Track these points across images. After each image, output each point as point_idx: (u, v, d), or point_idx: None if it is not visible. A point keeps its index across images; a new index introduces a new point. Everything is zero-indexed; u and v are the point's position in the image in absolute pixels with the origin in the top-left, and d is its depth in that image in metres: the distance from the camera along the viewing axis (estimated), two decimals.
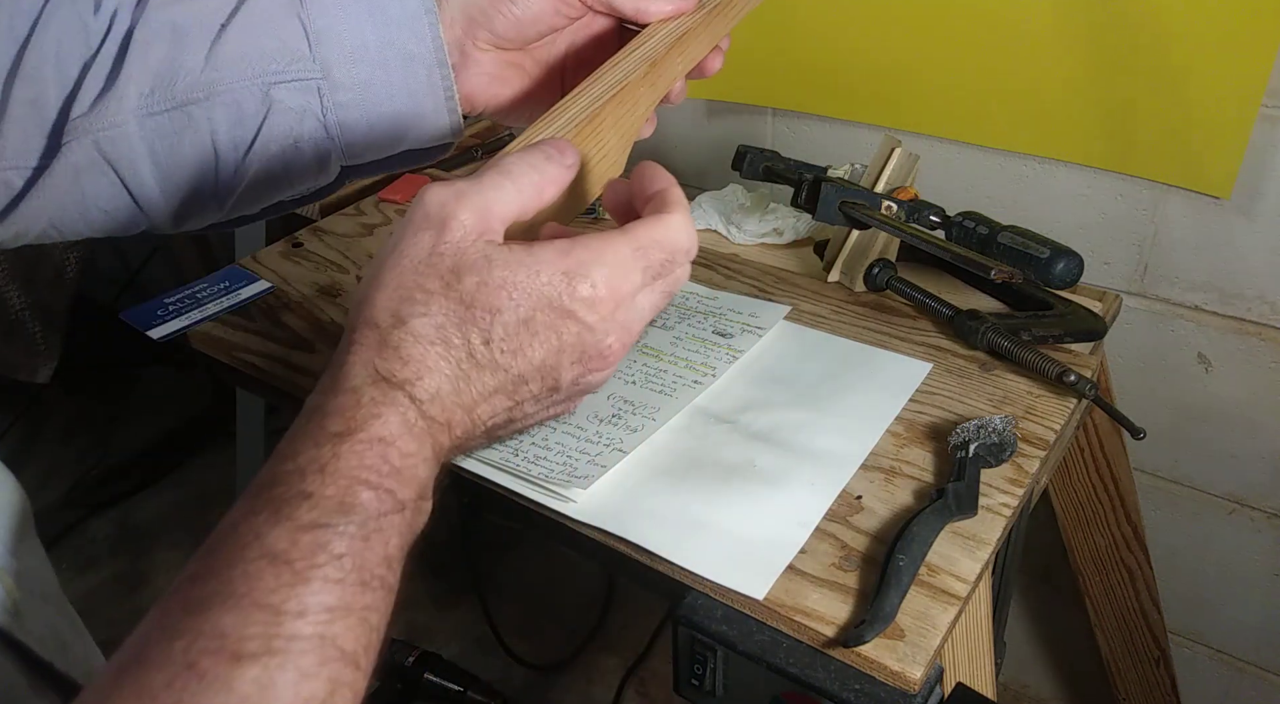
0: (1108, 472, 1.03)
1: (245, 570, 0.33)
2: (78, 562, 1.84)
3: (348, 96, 0.51)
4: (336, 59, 0.51)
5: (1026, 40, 0.97)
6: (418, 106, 0.53)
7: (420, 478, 0.37)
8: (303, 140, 0.52)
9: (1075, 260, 0.83)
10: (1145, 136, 0.96)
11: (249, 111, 0.50)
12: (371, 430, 0.36)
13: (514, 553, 1.78)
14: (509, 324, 0.39)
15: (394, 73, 0.51)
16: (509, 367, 0.39)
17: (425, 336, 0.38)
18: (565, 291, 0.39)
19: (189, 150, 0.51)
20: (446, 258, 0.38)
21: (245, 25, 0.50)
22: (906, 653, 0.60)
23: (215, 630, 0.31)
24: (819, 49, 1.10)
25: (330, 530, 0.34)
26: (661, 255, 0.42)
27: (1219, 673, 1.27)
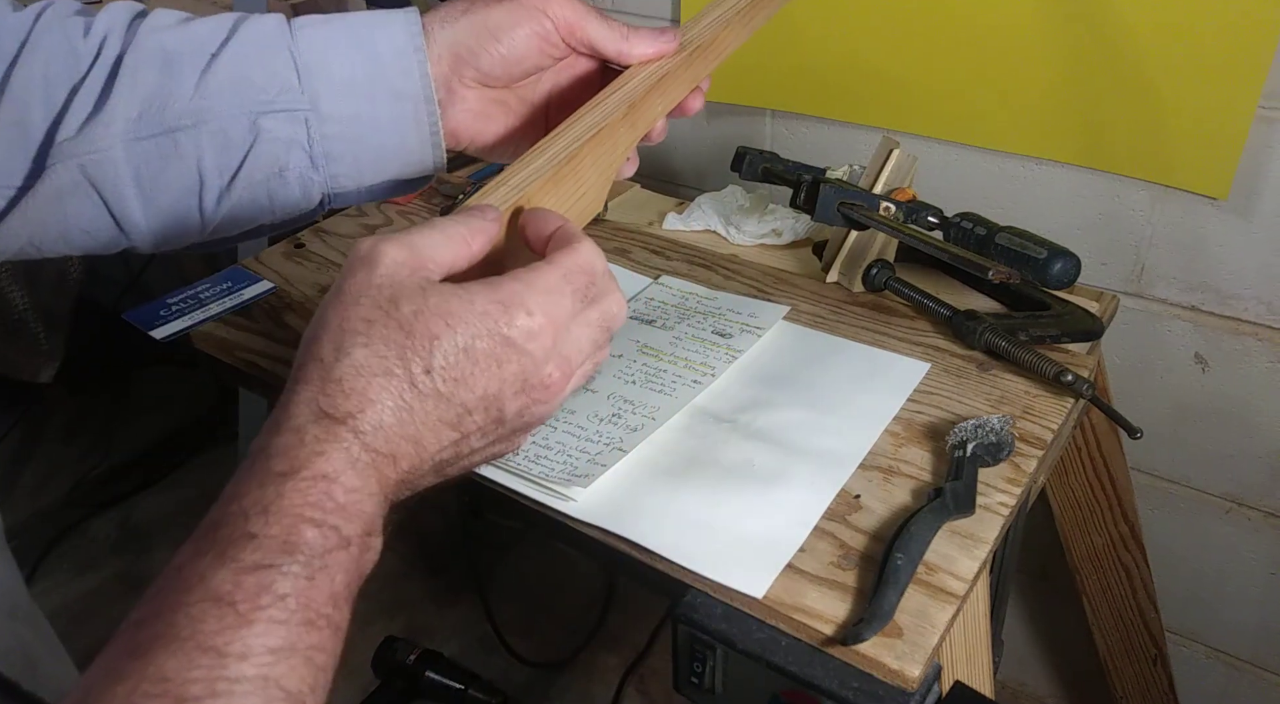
0: (1105, 471, 1.03)
1: (189, 613, 0.33)
2: (78, 562, 1.84)
3: (334, 128, 0.52)
4: (325, 92, 0.51)
5: (1025, 42, 0.98)
6: (403, 141, 0.54)
7: (366, 513, 0.37)
8: (288, 169, 0.52)
9: (1072, 261, 0.83)
10: (1142, 138, 0.96)
11: (236, 140, 0.51)
12: (315, 468, 0.36)
13: (514, 552, 1.79)
14: (449, 352, 0.39)
15: (381, 107, 0.52)
16: (452, 395, 0.39)
17: (367, 367, 0.38)
18: (503, 320, 0.40)
19: (174, 176, 0.51)
20: (384, 289, 0.39)
21: (236, 55, 0.51)
22: (905, 651, 0.60)
23: (159, 674, 0.31)
24: (817, 51, 1.11)
25: (274, 571, 0.34)
26: (585, 278, 0.42)
27: (1216, 672, 1.27)
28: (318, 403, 0.38)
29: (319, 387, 0.38)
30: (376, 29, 0.53)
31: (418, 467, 0.40)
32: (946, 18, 1.01)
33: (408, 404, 0.39)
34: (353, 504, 0.37)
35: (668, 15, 1.21)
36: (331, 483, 0.37)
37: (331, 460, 0.37)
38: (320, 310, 0.40)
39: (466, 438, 0.41)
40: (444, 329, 0.39)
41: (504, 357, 0.40)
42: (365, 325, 0.38)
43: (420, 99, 0.53)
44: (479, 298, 0.40)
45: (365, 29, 0.53)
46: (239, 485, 0.36)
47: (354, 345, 0.38)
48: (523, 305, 0.40)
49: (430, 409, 0.39)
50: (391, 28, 0.53)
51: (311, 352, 0.39)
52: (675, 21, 1.20)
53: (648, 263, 1.01)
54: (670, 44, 0.56)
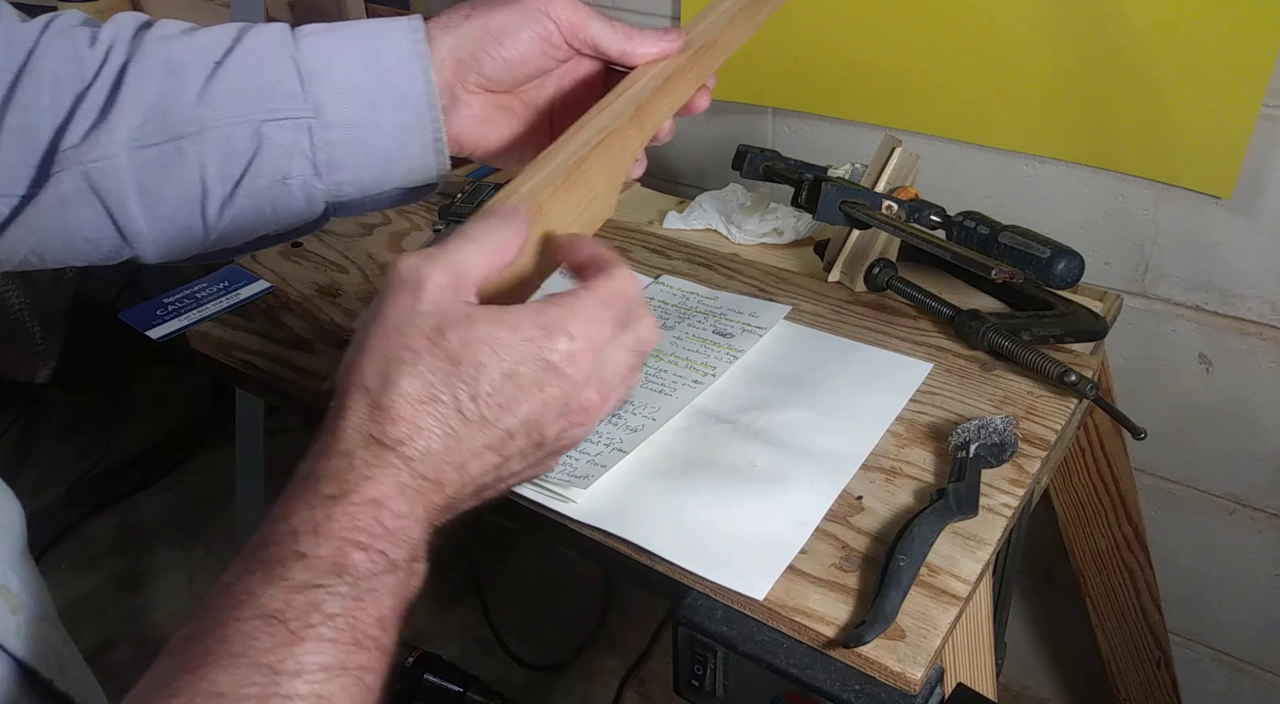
0: (1108, 472, 1.03)
1: (240, 629, 0.33)
2: (77, 562, 1.83)
3: (338, 136, 0.52)
4: (328, 99, 0.51)
5: (1028, 40, 0.97)
6: (406, 148, 0.53)
7: (413, 539, 0.38)
8: (291, 177, 0.52)
9: (1076, 260, 0.83)
10: (1146, 136, 0.96)
11: (239, 147, 0.51)
12: (364, 492, 0.37)
13: (514, 553, 1.78)
14: (495, 379, 0.39)
15: (384, 114, 0.52)
16: (498, 421, 0.40)
17: (415, 396, 0.38)
18: (546, 346, 0.40)
19: (178, 184, 0.51)
20: (429, 317, 0.39)
21: (240, 64, 0.51)
22: (907, 653, 0.60)
23: (213, 689, 0.32)
24: (819, 49, 1.10)
25: (323, 590, 0.34)
26: (623, 305, 0.43)
27: (1220, 673, 1.27)
28: (367, 429, 0.38)
29: (367, 414, 0.38)
30: (380, 36, 0.52)
31: (461, 491, 0.40)
32: (949, 15, 1.00)
33: (454, 431, 0.39)
34: (400, 530, 0.37)
35: (668, 14, 1.21)
36: (380, 508, 0.37)
37: (380, 485, 0.37)
38: (361, 335, 0.40)
39: (507, 461, 0.41)
40: (490, 356, 0.39)
41: (546, 381, 0.40)
42: (412, 355, 0.39)
43: (424, 105, 0.52)
44: (524, 324, 0.40)
45: (369, 36, 0.52)
46: (287, 506, 0.37)
47: (401, 374, 0.38)
48: (565, 331, 0.40)
49: (476, 435, 0.40)
50: (395, 35, 0.52)
51: (354, 380, 0.39)
52: (676, 20, 1.20)
53: (648, 262, 1.00)
54: (674, 43, 0.56)
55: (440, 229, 1.06)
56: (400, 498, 0.38)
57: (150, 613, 1.74)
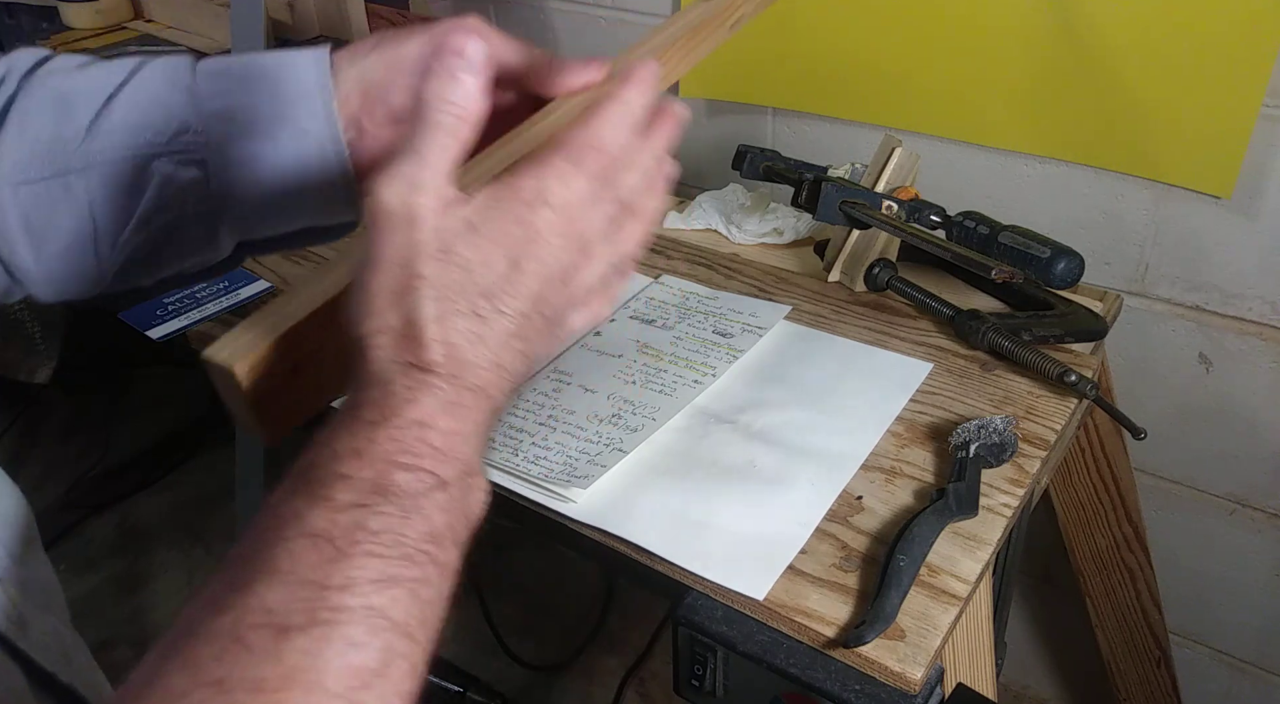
0: (1109, 472, 1.03)
1: (288, 548, 0.33)
2: (77, 562, 1.83)
3: (236, 172, 0.50)
4: (225, 133, 0.49)
5: (1028, 40, 0.97)
6: (310, 182, 0.51)
7: (464, 456, 0.38)
8: (187, 213, 0.50)
9: (1076, 260, 0.83)
10: (1146, 136, 0.96)
11: (129, 183, 0.49)
12: (407, 415, 0.37)
13: (514, 553, 1.78)
14: (501, 271, 0.40)
15: (285, 148, 0.50)
16: (512, 308, 0.40)
17: (437, 316, 0.38)
18: (531, 222, 0.40)
19: (66, 220, 0.49)
20: (430, 243, 0.39)
21: (133, 96, 0.49)
22: (907, 653, 0.60)
23: (261, 606, 0.32)
24: (819, 49, 1.10)
25: (368, 510, 0.34)
26: (597, 158, 0.42)
27: (1220, 673, 1.27)
28: (401, 358, 0.38)
29: (396, 347, 0.38)
30: (283, 67, 0.50)
31: (503, 389, 0.40)
32: (949, 15, 1.00)
33: (478, 334, 0.39)
34: (450, 448, 0.37)
35: (668, 13, 1.20)
36: (426, 428, 0.37)
37: (424, 406, 0.37)
38: (364, 278, 0.39)
39: (530, 343, 0.42)
40: (493, 251, 0.39)
41: (540, 255, 0.41)
42: (421, 281, 0.38)
43: (326, 139, 0.50)
44: (510, 205, 0.40)
45: (271, 67, 0.51)
46: (330, 433, 0.37)
47: (418, 303, 0.38)
48: (544, 201, 0.41)
49: (498, 331, 0.40)
50: (298, 66, 0.50)
51: (374, 323, 0.39)
52: None
53: (648, 262, 1.00)
54: (597, 74, 0.51)
55: None
56: (447, 415, 0.38)
57: (150, 613, 1.74)
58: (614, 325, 0.90)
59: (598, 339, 0.88)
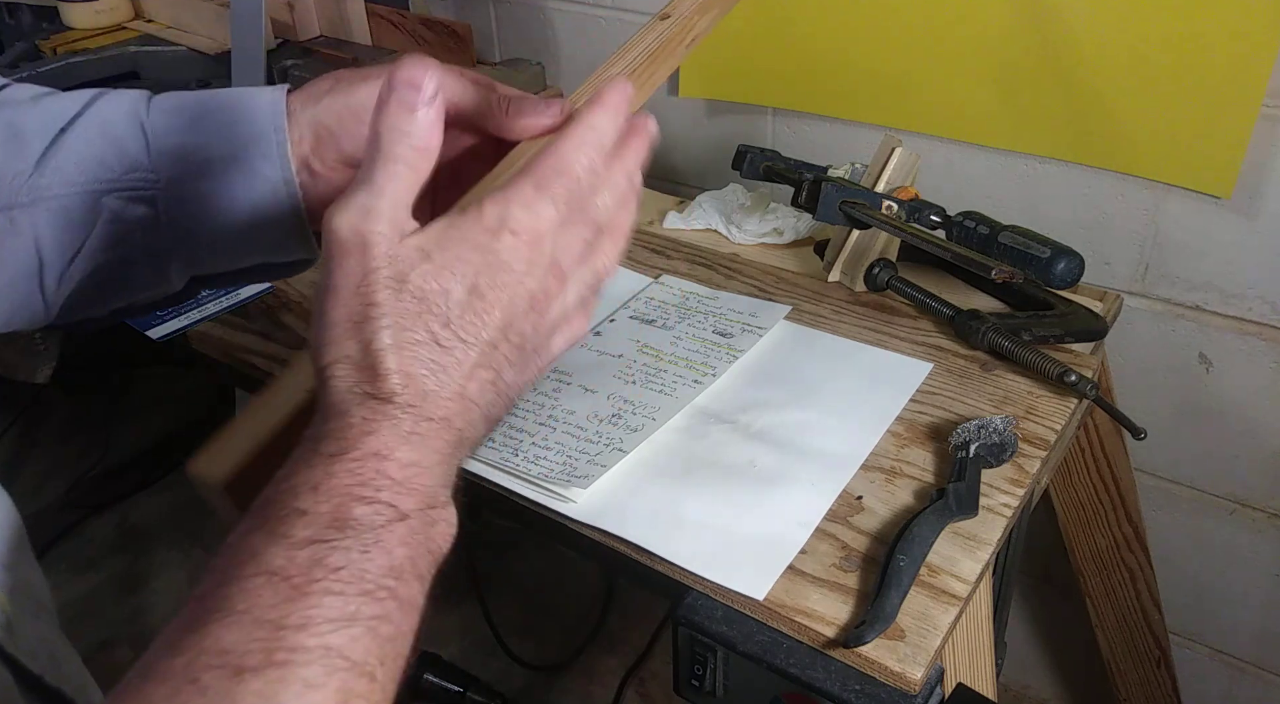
0: (1109, 472, 1.03)
1: (243, 587, 0.33)
2: (77, 562, 1.83)
3: (187, 209, 0.50)
4: (176, 171, 0.49)
5: (1027, 40, 0.97)
6: (262, 222, 0.51)
7: (424, 487, 0.37)
8: (135, 250, 0.50)
9: (1076, 260, 0.83)
10: (1146, 136, 0.96)
11: (76, 219, 0.49)
12: (365, 446, 0.37)
13: (514, 553, 1.78)
14: (460, 299, 0.39)
15: (237, 188, 0.50)
16: (477, 337, 0.40)
17: (394, 345, 0.38)
18: (494, 248, 0.40)
19: (11, 254, 0.49)
20: (383, 270, 0.39)
21: (85, 131, 0.49)
22: (907, 653, 0.60)
23: (217, 646, 0.31)
24: (819, 49, 1.10)
25: (326, 546, 0.34)
26: (563, 183, 0.41)
27: (1220, 673, 1.27)
28: (360, 389, 0.38)
29: (355, 378, 0.38)
30: (237, 106, 0.50)
31: (469, 419, 0.40)
32: (949, 15, 1.00)
33: (440, 364, 0.39)
34: (409, 479, 0.37)
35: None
36: (384, 460, 0.37)
37: (382, 438, 0.37)
38: (321, 307, 0.39)
39: (500, 374, 0.41)
40: (451, 279, 0.39)
41: (503, 282, 0.40)
42: (376, 309, 0.38)
43: (279, 181, 0.50)
44: (469, 234, 0.40)
45: (226, 107, 0.51)
46: (289, 469, 0.37)
47: (375, 331, 0.38)
48: (506, 227, 0.40)
49: (461, 359, 0.39)
50: (253, 107, 0.50)
51: (332, 353, 0.39)
52: None
53: (648, 262, 1.00)
54: (557, 117, 0.49)
55: None
56: (406, 446, 0.37)
57: (150, 613, 1.74)
58: (614, 325, 0.90)
59: (598, 339, 0.88)
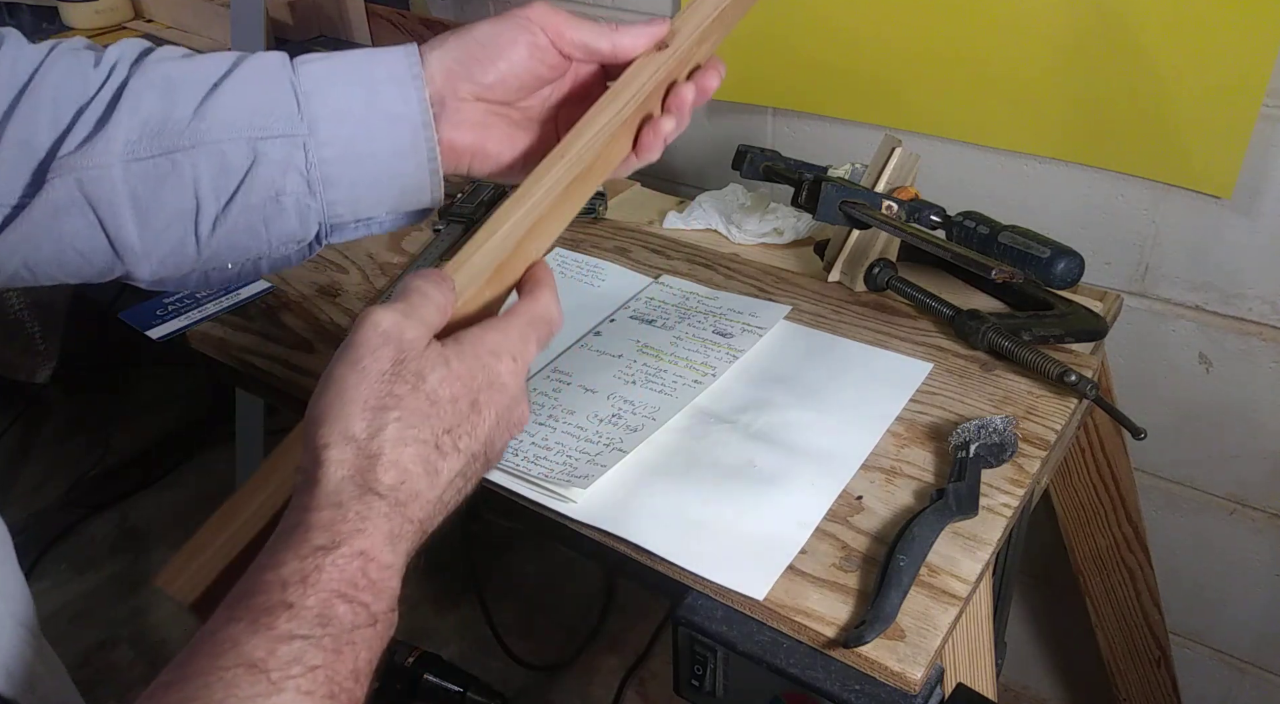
0: (1109, 472, 1.03)
1: (222, 678, 0.34)
2: (77, 562, 1.83)
3: (331, 152, 0.53)
4: (323, 116, 0.52)
5: (1027, 40, 0.97)
6: (400, 166, 0.54)
7: (392, 590, 0.39)
8: (285, 194, 0.53)
9: (1076, 260, 0.83)
10: (1146, 136, 0.96)
11: (234, 163, 0.52)
12: (355, 544, 0.38)
13: (514, 553, 1.78)
14: (464, 410, 0.43)
15: (378, 132, 0.53)
16: (467, 448, 0.43)
17: (402, 439, 0.41)
18: (495, 369, 0.45)
19: (170, 197, 0.52)
20: (409, 364, 0.42)
21: (237, 84, 0.52)
22: (907, 653, 0.60)
23: None
24: (819, 49, 1.10)
25: (308, 642, 0.35)
26: (545, 327, 0.48)
27: (1220, 673, 1.27)
28: (360, 478, 0.40)
29: (356, 463, 0.40)
30: (375, 60, 0.54)
31: (433, 524, 0.43)
32: (949, 15, 1.00)
33: (435, 467, 0.42)
34: (383, 581, 0.39)
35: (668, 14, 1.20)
36: (368, 560, 0.38)
37: (370, 537, 0.39)
38: (338, 382, 0.42)
39: (468, 483, 0.45)
40: (461, 390, 0.43)
41: (495, 401, 0.45)
42: (395, 400, 0.41)
43: (418, 124, 0.53)
44: (480, 352, 0.45)
45: (365, 61, 0.54)
46: (276, 556, 0.38)
47: (388, 421, 0.41)
48: (507, 352, 0.45)
49: (451, 465, 0.43)
50: (389, 58, 0.54)
51: (340, 428, 0.41)
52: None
53: (648, 262, 1.00)
54: (661, 28, 0.57)
55: (440, 229, 1.06)
56: (388, 547, 0.39)
57: (150, 613, 1.74)
58: (614, 325, 0.90)
59: (598, 339, 0.88)
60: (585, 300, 0.94)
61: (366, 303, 0.95)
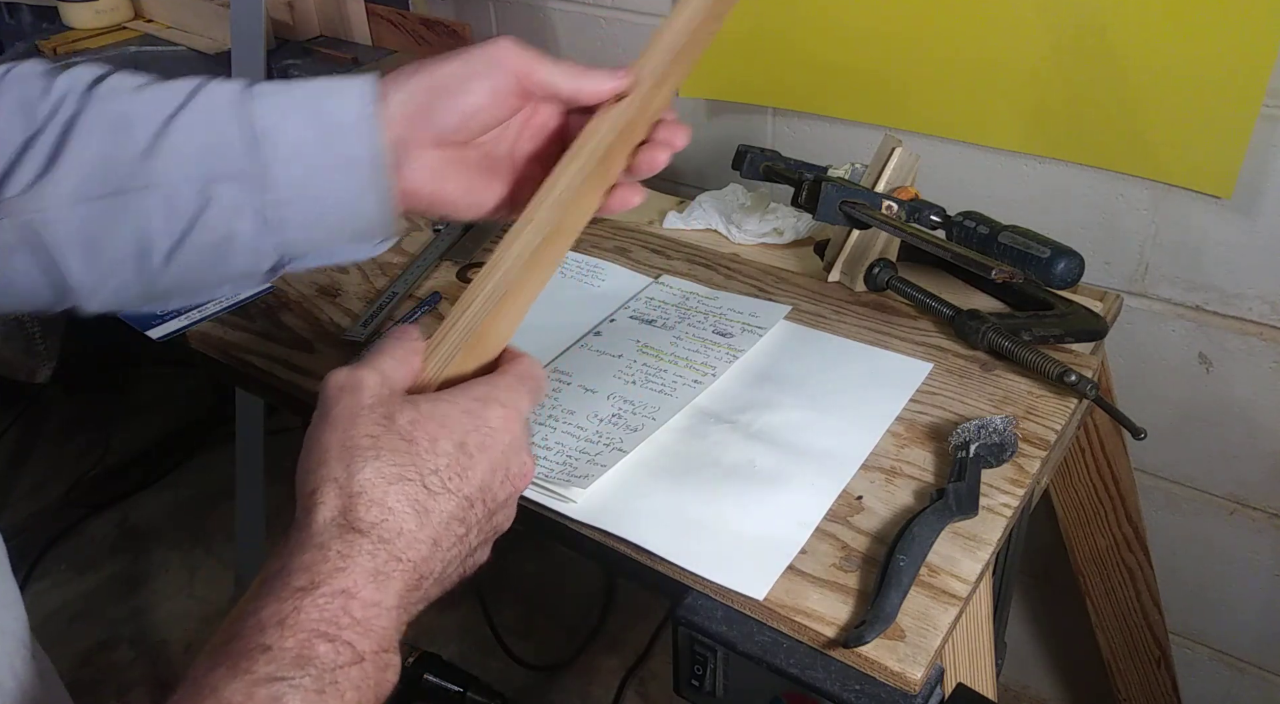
0: (1108, 472, 1.03)
1: None
2: (77, 562, 1.83)
3: (285, 194, 0.52)
4: (276, 158, 0.51)
5: (1027, 40, 0.97)
6: (354, 207, 0.53)
7: (382, 628, 0.39)
8: (237, 235, 0.52)
9: (1076, 260, 0.83)
10: (1146, 136, 0.95)
11: (185, 204, 0.51)
12: (335, 583, 0.38)
13: (514, 553, 1.78)
14: (448, 451, 0.43)
15: (333, 174, 0.52)
16: (458, 490, 0.43)
17: (384, 476, 0.41)
18: (484, 415, 0.45)
19: (120, 237, 0.51)
20: (376, 409, 0.42)
21: (190, 120, 0.51)
22: (907, 653, 0.60)
23: None
24: (819, 48, 1.10)
25: (285, 683, 0.35)
26: (535, 383, 0.48)
27: (1220, 673, 1.27)
28: (343, 518, 0.40)
29: (337, 504, 0.40)
30: (332, 95, 0.52)
31: (431, 569, 0.42)
32: (949, 15, 1.00)
33: (423, 506, 0.41)
34: (370, 619, 0.38)
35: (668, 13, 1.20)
36: (350, 598, 0.38)
37: (352, 575, 0.38)
38: (313, 440, 0.42)
39: (469, 532, 0.44)
40: (439, 430, 0.43)
41: (489, 445, 0.44)
42: (370, 440, 0.41)
43: (372, 167, 0.52)
44: (460, 399, 0.45)
45: (321, 95, 0.52)
46: (257, 601, 0.38)
47: (365, 460, 0.41)
48: (496, 399, 0.45)
49: (442, 506, 0.42)
50: (346, 94, 0.52)
51: (321, 475, 0.41)
52: None
53: (648, 262, 1.00)
54: (621, 82, 0.55)
55: (440, 229, 1.06)
56: (372, 585, 0.39)
57: (150, 613, 1.74)
58: (614, 325, 0.90)
59: (598, 339, 0.88)
60: (585, 300, 0.94)
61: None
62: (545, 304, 0.54)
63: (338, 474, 0.40)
